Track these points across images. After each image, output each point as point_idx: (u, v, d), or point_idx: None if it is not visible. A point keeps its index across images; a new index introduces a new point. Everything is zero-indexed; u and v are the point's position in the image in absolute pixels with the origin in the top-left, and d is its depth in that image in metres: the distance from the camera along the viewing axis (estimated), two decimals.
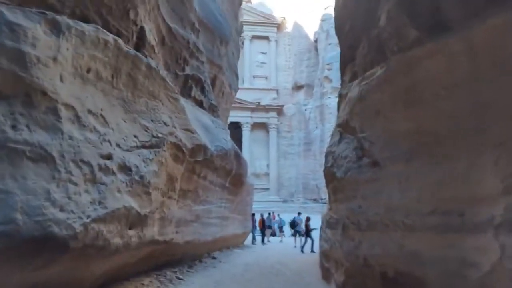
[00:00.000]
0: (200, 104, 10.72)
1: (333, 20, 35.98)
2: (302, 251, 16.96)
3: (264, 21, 44.88)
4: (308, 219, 18.15)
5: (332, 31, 40.94)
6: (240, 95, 42.79)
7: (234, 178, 13.82)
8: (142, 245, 6.24)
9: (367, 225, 6.16)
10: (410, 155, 5.29)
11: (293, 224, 21.04)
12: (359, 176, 6.47)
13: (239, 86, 43.30)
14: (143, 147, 5.97)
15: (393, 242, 5.48)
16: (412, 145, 5.29)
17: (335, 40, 41.45)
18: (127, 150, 5.43)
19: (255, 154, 42.60)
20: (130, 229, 5.54)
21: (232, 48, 15.53)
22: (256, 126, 43.70)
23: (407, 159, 5.32)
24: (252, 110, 43.31)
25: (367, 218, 6.16)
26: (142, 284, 7.66)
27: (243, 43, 44.07)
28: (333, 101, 40.02)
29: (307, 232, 17.39)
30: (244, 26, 43.76)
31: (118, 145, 5.18)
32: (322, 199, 40.88)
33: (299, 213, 22.13)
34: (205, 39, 11.53)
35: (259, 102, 43.30)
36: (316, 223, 22.70)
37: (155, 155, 6.33)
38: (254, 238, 20.88)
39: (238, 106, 41.29)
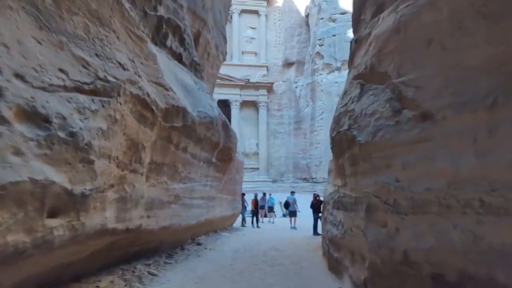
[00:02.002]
0: (178, 58, 8.51)
1: None
2: (315, 233, 14.74)
3: None
4: (317, 196, 15.96)
5: (324, 5, 38.55)
6: (228, 71, 40.38)
7: (222, 153, 11.72)
8: (82, 238, 4.15)
9: (411, 205, 4.16)
10: (496, 98, 3.26)
11: (287, 205, 19.18)
12: (397, 136, 4.43)
13: (228, 62, 41.11)
14: (79, 90, 3.81)
15: (460, 231, 3.50)
16: (499, 82, 3.26)
17: (327, 14, 39.10)
18: (42, 89, 3.28)
19: (244, 133, 40.46)
20: (51, 216, 3.44)
21: (219, 3, 13.23)
22: (245, 104, 41.46)
23: (491, 104, 3.29)
24: (241, 87, 40.97)
25: (411, 196, 4.15)
26: (97, 287, 5.60)
27: (231, 17, 41.37)
28: (324, 78, 37.95)
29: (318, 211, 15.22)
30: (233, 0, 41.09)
31: (19, 77, 3.03)
32: (312, 178, 39.22)
33: (292, 192, 20.18)
34: None
35: (248, 79, 40.94)
36: (305, 202, 20.97)
37: (102, 106, 4.18)
38: (244, 220, 18.92)
39: (226, 83, 39.06)
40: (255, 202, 19.42)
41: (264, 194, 24.12)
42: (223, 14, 14.06)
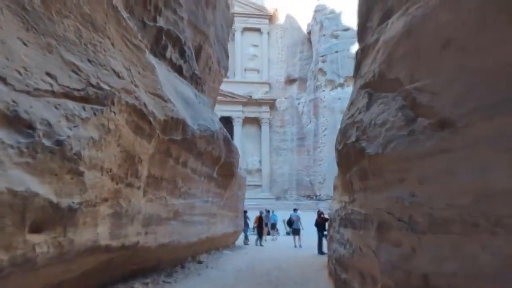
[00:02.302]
0: (178, 70, 8.27)
1: (326, 11, 33.75)
2: (320, 251, 14.26)
3: (255, 13, 42.36)
4: (321, 214, 15.56)
5: (326, 22, 38.69)
6: (231, 88, 40.38)
7: (223, 168, 11.37)
8: (70, 256, 3.78)
9: (429, 223, 3.78)
10: None
11: (290, 222, 18.65)
12: (412, 147, 4.08)
13: (230, 79, 41.19)
14: (68, 96, 3.51)
15: (490, 254, 3.11)
16: None
17: (329, 31, 39.21)
18: (26, 93, 2.98)
19: (247, 149, 40.11)
20: (34, 231, 3.09)
21: (221, 18, 13.10)
22: (247, 120, 41.24)
23: None
24: (244, 104, 40.84)
25: (429, 213, 3.78)
26: None
27: (234, 35, 41.64)
28: (327, 94, 37.80)
29: (323, 228, 14.81)
30: (235, 18, 41.47)
31: (0, 79, 2.73)
32: (316, 195, 38.64)
33: (296, 210, 19.61)
34: None
35: (250, 96, 40.84)
36: (309, 220, 20.39)
37: (94, 114, 3.88)
38: (246, 237, 18.37)
39: (229, 100, 38.99)
40: (259, 219, 18.68)
41: (268, 211, 23.58)
42: (225, 29, 13.93)
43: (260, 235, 18.28)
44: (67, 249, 3.60)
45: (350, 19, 37.38)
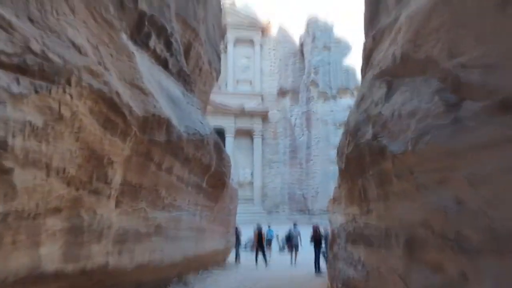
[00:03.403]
0: (164, 64, 7.26)
1: (319, 23, 33.27)
2: (318, 270, 13.15)
3: (248, 24, 41.82)
4: (317, 229, 14.36)
5: (319, 34, 38.24)
6: (223, 100, 39.45)
7: (214, 178, 10.29)
8: None
9: (489, 240, 2.78)
10: None
11: (289, 238, 17.43)
12: (457, 139, 3.10)
13: (222, 91, 40.34)
14: None
15: None
16: None
17: (321, 43, 38.71)
18: None
19: (239, 162, 38.98)
20: None
21: (212, 17, 12.20)
22: (240, 132, 40.26)
23: None
24: (236, 115, 39.93)
25: (488, 226, 2.78)
26: None
27: (226, 46, 41.00)
28: (320, 106, 37.12)
29: (320, 245, 13.69)
30: (228, 29, 40.83)
31: None
32: (309, 210, 37.52)
33: (295, 225, 18.42)
34: None
35: (243, 108, 39.96)
36: (303, 235, 19.18)
37: (35, 91, 2.84)
38: (237, 255, 17.06)
39: (221, 111, 38.05)
40: (258, 236, 16.74)
41: (269, 226, 21.94)
42: (216, 30, 13.04)
43: (262, 253, 16.54)
44: None
45: (342, 31, 37.06)
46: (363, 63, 6.45)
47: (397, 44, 4.32)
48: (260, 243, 16.56)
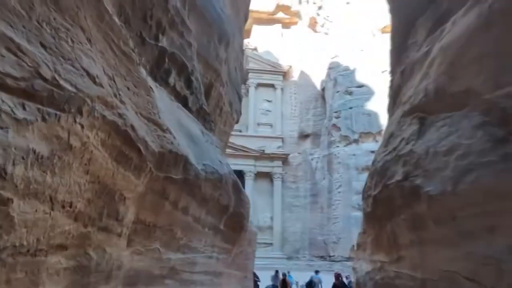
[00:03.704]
0: (183, 102, 7.17)
1: (340, 68, 33.65)
2: None
3: (270, 69, 42.66)
4: (339, 276, 13.53)
5: (340, 79, 38.53)
6: (243, 142, 39.56)
7: (232, 219, 9.87)
8: None
9: None
10: None
11: (310, 285, 16.50)
12: (508, 177, 2.70)
13: (243, 133, 40.56)
14: None
15: None
16: None
17: (343, 87, 38.85)
18: None
19: (258, 205, 38.26)
20: None
21: (234, 59, 12.32)
22: (260, 175, 39.87)
23: None
24: (256, 158, 39.74)
25: None
26: None
27: (248, 90, 41.73)
28: (341, 150, 36.62)
29: None
30: (250, 74, 41.81)
31: None
32: (330, 256, 36.01)
33: (317, 271, 17.40)
34: (198, 26, 8.26)
35: (263, 150, 39.86)
36: (325, 282, 18.10)
37: (42, 118, 2.66)
38: None
39: (241, 153, 38.02)
40: (283, 283, 15.92)
41: (277, 271, 21.43)
42: (238, 72, 13.14)
43: None
44: None
45: (364, 76, 37.24)
46: (390, 101, 6.17)
47: (430, 78, 4.03)
48: None
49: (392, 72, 6.36)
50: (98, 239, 4.01)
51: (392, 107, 6.06)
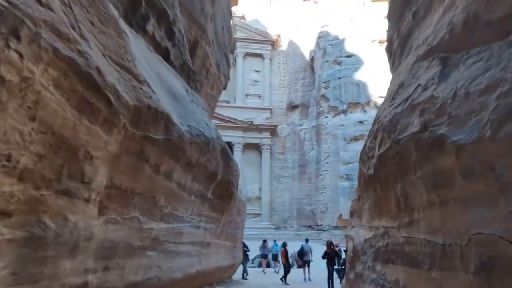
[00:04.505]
0: (164, 54, 6.34)
1: (330, 37, 32.46)
2: None
3: (258, 38, 41.24)
4: (331, 244, 13.29)
5: (329, 48, 37.46)
6: (231, 113, 38.64)
7: (221, 187, 9.25)
8: None
9: None
10: None
11: (301, 253, 16.20)
12: None
13: (231, 104, 39.58)
14: None
15: None
16: None
17: (332, 57, 37.80)
18: None
19: (247, 176, 37.77)
20: None
21: (221, 18, 11.37)
22: (248, 146, 39.25)
23: None
24: (244, 129, 38.98)
25: None
26: None
27: (235, 60, 40.40)
28: (330, 120, 36.05)
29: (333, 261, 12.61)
30: (238, 43, 40.24)
31: None
32: (318, 225, 36.07)
33: (307, 240, 17.24)
34: None
35: (251, 122, 39.06)
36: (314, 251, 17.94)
37: None
38: (245, 271, 15.89)
39: (229, 125, 37.19)
40: (285, 253, 15.77)
41: (265, 241, 21.31)
42: (226, 33, 12.18)
43: (288, 271, 15.35)
44: None
45: (353, 45, 36.23)
46: (396, 51, 5.44)
47: (457, 9, 3.30)
48: (288, 261, 15.51)
49: (398, 19, 5.59)
50: (57, 204, 3.29)
51: (399, 56, 5.34)
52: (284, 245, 16.26)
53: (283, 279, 14.88)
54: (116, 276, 5.12)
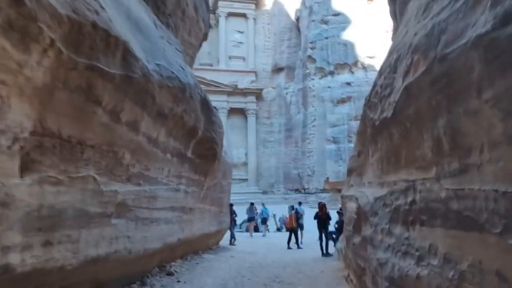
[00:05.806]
0: None
1: None
2: (325, 254, 11.27)
3: None
4: (323, 207, 12.45)
5: (316, 7, 35.44)
6: (215, 77, 36.81)
7: (202, 145, 8.00)
8: None
9: None
10: None
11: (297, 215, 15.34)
12: None
13: (214, 67, 37.68)
14: None
15: None
16: None
17: (319, 16, 35.83)
18: None
19: (233, 142, 36.64)
20: None
21: None
22: (233, 111, 37.81)
23: None
24: (229, 94, 37.37)
25: None
26: None
27: (218, 20, 38.15)
28: (317, 82, 34.71)
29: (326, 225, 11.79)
30: (220, 2, 38.05)
31: None
32: (304, 189, 35.57)
33: (300, 203, 16.41)
34: None
35: (236, 85, 37.39)
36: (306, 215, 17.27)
37: None
38: (232, 237, 14.97)
39: (213, 89, 35.46)
40: (296, 218, 14.75)
41: (252, 203, 20.49)
42: None
43: (295, 237, 14.58)
44: None
45: (340, 3, 34.35)
46: None
47: None
48: (292, 227, 14.83)
49: None
50: None
51: None
52: (294, 209, 15.43)
53: (297, 243, 14.28)
54: (67, 251, 3.93)
